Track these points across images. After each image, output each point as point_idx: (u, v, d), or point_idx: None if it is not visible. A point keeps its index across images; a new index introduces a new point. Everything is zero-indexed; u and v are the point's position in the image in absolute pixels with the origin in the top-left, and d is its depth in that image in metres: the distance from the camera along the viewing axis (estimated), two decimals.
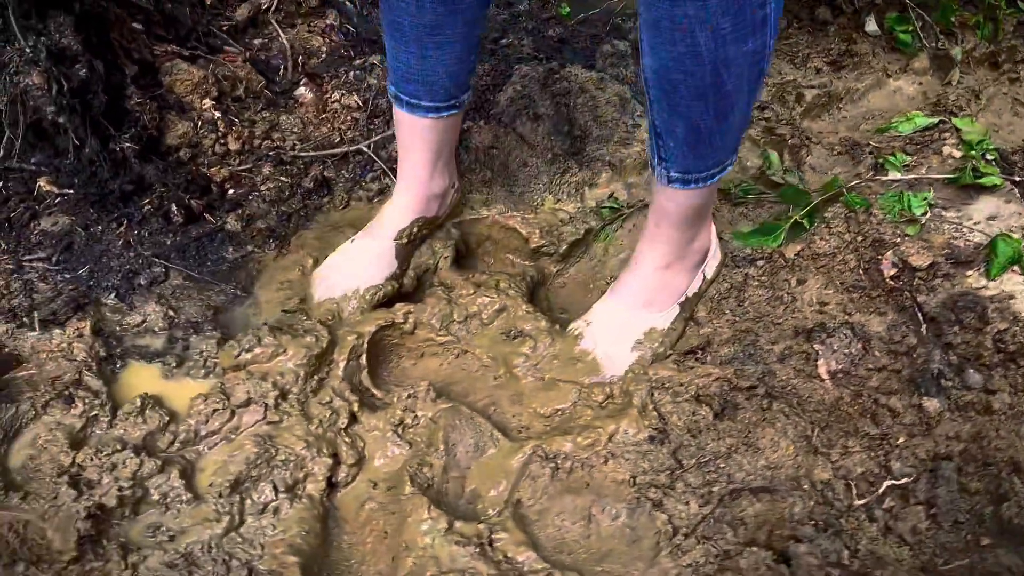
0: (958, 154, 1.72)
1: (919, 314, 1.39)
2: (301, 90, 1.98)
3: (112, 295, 1.49)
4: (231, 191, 1.72)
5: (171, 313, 1.46)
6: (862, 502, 1.16)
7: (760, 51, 1.12)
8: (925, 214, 1.55)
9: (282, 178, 1.76)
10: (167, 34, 1.92)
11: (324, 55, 2.13)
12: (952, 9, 2.14)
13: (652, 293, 1.44)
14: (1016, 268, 1.41)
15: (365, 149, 1.82)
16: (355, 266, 1.53)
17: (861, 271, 1.49)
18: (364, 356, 1.41)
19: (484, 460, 1.29)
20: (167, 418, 1.29)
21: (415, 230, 1.57)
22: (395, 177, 1.78)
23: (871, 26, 2.18)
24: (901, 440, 1.25)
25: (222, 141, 1.79)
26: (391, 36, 1.41)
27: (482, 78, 2.00)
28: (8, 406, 1.27)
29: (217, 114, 1.80)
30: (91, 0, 1.60)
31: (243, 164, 1.77)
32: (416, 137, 1.52)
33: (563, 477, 1.24)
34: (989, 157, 1.67)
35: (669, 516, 1.18)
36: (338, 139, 1.86)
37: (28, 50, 1.46)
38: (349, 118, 1.89)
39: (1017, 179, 1.63)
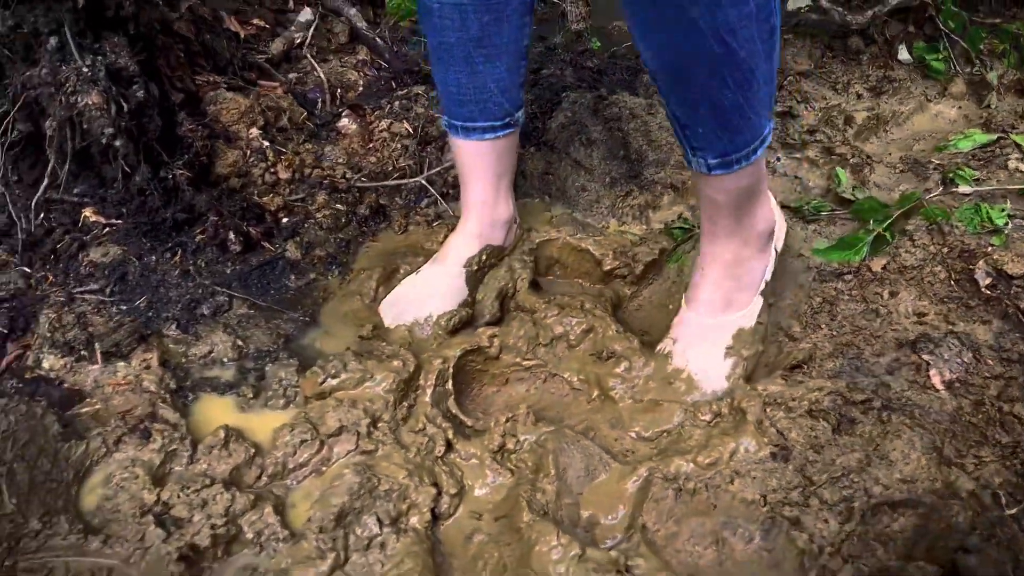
0: None
1: None
2: (344, 121, 1.92)
3: (174, 326, 1.39)
4: (285, 220, 1.65)
5: (239, 343, 1.37)
6: (1012, 512, 1.10)
7: (765, 5, 1.03)
8: (1007, 224, 1.53)
9: (337, 206, 1.69)
10: (206, 64, 1.87)
11: (361, 88, 2.08)
12: (980, 37, 2.16)
13: (729, 293, 1.36)
14: None
15: (425, 183, 1.75)
16: (425, 293, 1.46)
17: (953, 282, 1.45)
18: (450, 382, 1.33)
19: (597, 485, 1.20)
20: (252, 450, 1.19)
21: (483, 258, 1.50)
22: (449, 203, 1.73)
23: (903, 54, 2.20)
24: None
25: (272, 170, 1.72)
26: (439, 59, 1.38)
27: (530, 106, 1.96)
28: (76, 443, 1.16)
29: (265, 143, 1.74)
30: (145, 23, 1.53)
31: (295, 194, 1.70)
32: (476, 163, 1.46)
33: (687, 499, 1.16)
34: None
35: (810, 535, 1.10)
36: (390, 168, 1.80)
37: (86, 69, 1.39)
38: (399, 146, 1.83)
39: None
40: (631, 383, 1.34)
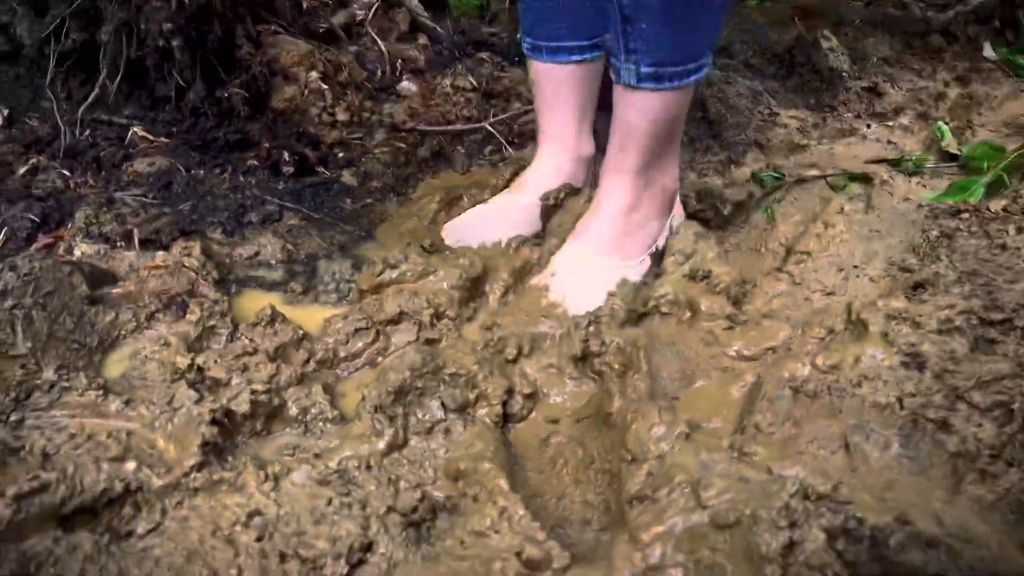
0: None
1: None
2: (405, 83, 1.84)
3: (219, 231, 1.27)
4: (342, 154, 1.54)
5: (289, 247, 1.24)
6: None
7: None
8: None
9: (398, 144, 1.58)
10: (268, 17, 1.81)
11: (423, 62, 2.02)
12: None
13: (620, 237, 1.22)
14: None
15: (490, 129, 1.65)
16: (495, 220, 1.32)
17: None
18: (515, 295, 1.18)
19: (697, 389, 1.03)
20: (300, 332, 1.04)
21: (562, 195, 1.36)
22: (515, 151, 1.62)
23: (988, 51, 2.10)
24: None
25: (330, 111, 1.62)
26: None
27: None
28: (104, 310, 1.02)
29: (324, 85, 1.65)
30: None
31: (353, 133, 1.60)
32: (561, 90, 1.35)
33: (807, 402, 0.98)
34: None
35: (962, 438, 0.91)
36: (453, 117, 1.70)
37: None
38: (462, 99, 1.74)
39: None
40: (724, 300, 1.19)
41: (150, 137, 1.44)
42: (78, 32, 1.43)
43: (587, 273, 1.19)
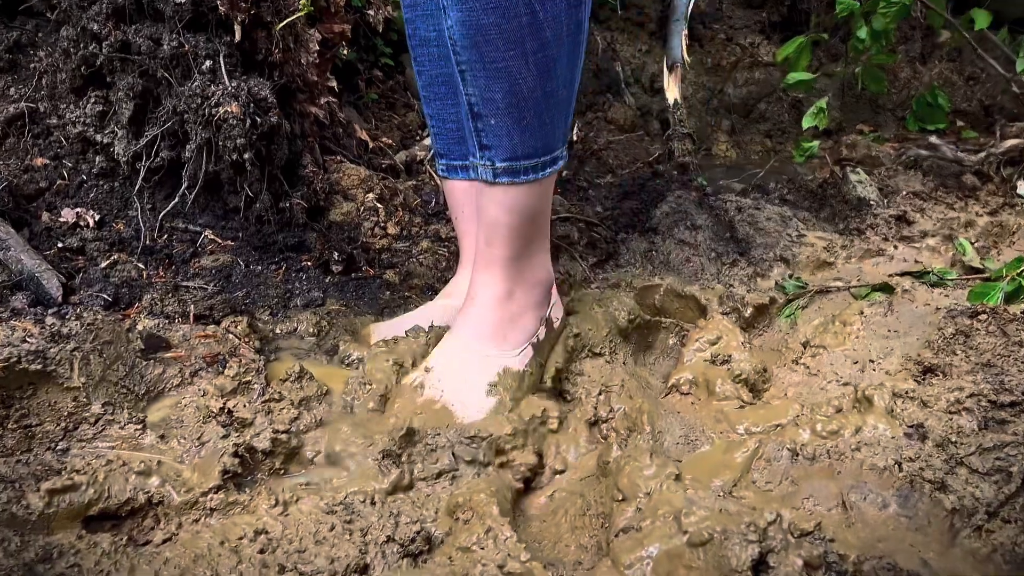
0: None
1: None
2: None
3: (266, 312, 1.39)
4: (387, 257, 1.67)
5: (323, 323, 1.35)
6: None
7: None
8: None
9: (440, 251, 1.71)
10: (336, 148, 2.02)
11: None
12: None
13: (498, 326, 1.17)
14: None
15: None
16: (422, 321, 1.31)
17: None
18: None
19: (699, 455, 1.06)
20: (324, 389, 1.12)
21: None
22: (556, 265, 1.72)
23: (1022, 189, 2.16)
24: None
25: (382, 225, 1.78)
26: (436, 94, 1.37)
27: (636, 204, 2.00)
28: (155, 365, 1.13)
29: (379, 205, 1.82)
30: (288, 76, 1.70)
31: (401, 242, 1.74)
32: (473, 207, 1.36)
33: (805, 464, 1.00)
34: None
35: (959, 497, 0.92)
36: None
37: (231, 87, 1.53)
38: None
39: None
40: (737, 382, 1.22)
41: (218, 240, 1.61)
42: (167, 150, 1.63)
43: (464, 366, 1.14)
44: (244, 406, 1.03)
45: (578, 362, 1.26)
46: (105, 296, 1.36)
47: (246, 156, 1.54)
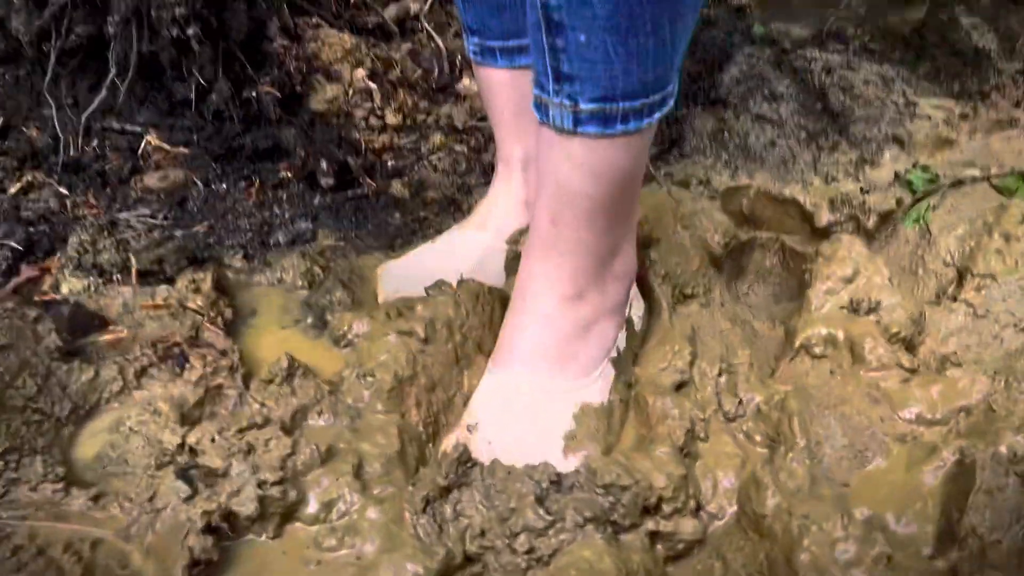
0: None
1: None
2: (465, 82, 1.60)
3: (239, 254, 1.03)
4: (392, 162, 1.30)
5: (316, 269, 0.99)
6: None
7: None
8: None
9: (457, 148, 1.33)
10: (309, 10, 1.59)
11: None
12: None
13: (563, 343, 0.83)
14: None
15: None
16: (449, 264, 0.97)
17: None
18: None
19: (871, 473, 0.74)
20: (325, 389, 0.78)
21: None
22: None
23: None
24: None
25: (378, 113, 1.38)
26: None
27: (694, 66, 1.60)
28: (82, 367, 0.78)
29: (372, 85, 1.41)
30: None
31: (405, 136, 1.36)
32: (524, 102, 0.90)
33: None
34: None
35: None
36: None
37: None
38: None
39: None
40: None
41: (166, 147, 1.22)
42: (82, 25, 1.21)
43: (523, 415, 0.81)
44: (213, 440, 0.69)
45: (673, 315, 0.92)
46: (15, 244, 1.00)
47: (190, 31, 1.13)
